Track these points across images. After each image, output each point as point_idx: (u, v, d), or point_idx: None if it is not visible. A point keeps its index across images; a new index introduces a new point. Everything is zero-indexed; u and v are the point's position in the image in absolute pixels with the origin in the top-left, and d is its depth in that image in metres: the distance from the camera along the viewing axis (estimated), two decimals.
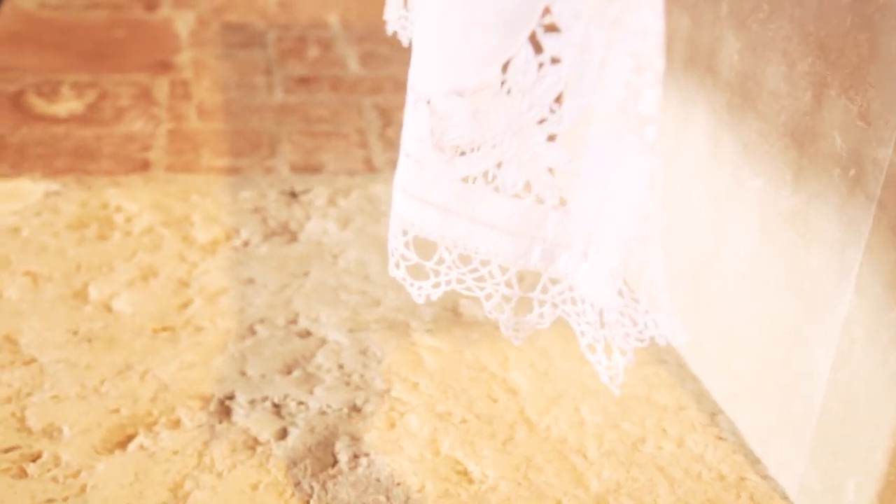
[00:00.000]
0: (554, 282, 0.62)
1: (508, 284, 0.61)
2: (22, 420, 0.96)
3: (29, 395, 1.00)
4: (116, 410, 0.99)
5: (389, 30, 1.14)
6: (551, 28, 0.55)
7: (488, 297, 0.62)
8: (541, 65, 0.56)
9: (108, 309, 1.14)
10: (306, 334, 1.13)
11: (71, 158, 1.51)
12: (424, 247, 0.63)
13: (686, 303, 1.10)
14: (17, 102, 1.67)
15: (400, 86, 1.90)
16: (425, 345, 1.13)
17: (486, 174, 0.60)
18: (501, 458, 0.96)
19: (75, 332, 1.10)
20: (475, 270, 0.62)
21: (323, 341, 1.12)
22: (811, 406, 0.89)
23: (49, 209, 1.35)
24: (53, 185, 1.42)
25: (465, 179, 0.60)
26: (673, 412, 1.03)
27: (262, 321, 1.15)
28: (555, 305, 0.62)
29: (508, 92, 0.57)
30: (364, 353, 1.10)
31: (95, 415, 0.98)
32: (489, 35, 0.56)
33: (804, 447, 0.90)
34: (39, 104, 1.67)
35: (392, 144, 1.64)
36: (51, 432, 0.95)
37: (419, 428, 1.00)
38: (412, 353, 1.11)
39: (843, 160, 0.84)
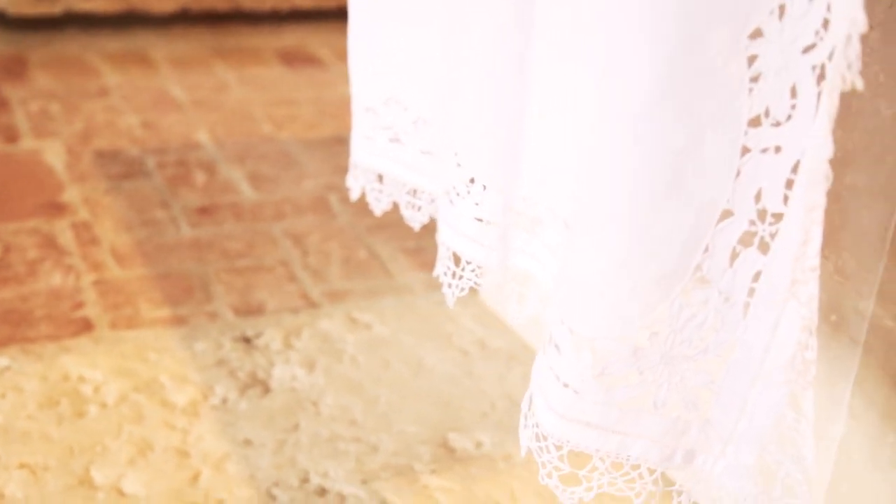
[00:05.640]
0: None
1: (655, 483, 0.73)
2: None
3: None
4: None
5: (354, 196, 1.22)
6: (701, 280, 0.67)
7: (638, 495, 0.73)
8: (690, 309, 0.68)
9: (121, 493, 1.15)
10: (323, 492, 1.19)
11: (6, 326, 1.48)
12: (575, 456, 0.73)
13: None
14: None
15: (299, 209, 1.97)
16: (436, 486, 1.21)
17: (640, 396, 0.71)
18: None
19: None
20: (626, 474, 0.73)
21: (342, 497, 1.18)
22: None
23: (11, 388, 1.33)
24: (2, 360, 1.39)
25: (622, 405, 0.71)
26: None
27: (276, 484, 1.19)
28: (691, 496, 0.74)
29: (663, 332, 0.68)
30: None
31: None
32: (651, 292, 0.67)
33: None
34: None
35: (318, 275, 1.71)
36: None
37: None
38: (428, 497, 1.19)
39: (824, 306, 1.01)
